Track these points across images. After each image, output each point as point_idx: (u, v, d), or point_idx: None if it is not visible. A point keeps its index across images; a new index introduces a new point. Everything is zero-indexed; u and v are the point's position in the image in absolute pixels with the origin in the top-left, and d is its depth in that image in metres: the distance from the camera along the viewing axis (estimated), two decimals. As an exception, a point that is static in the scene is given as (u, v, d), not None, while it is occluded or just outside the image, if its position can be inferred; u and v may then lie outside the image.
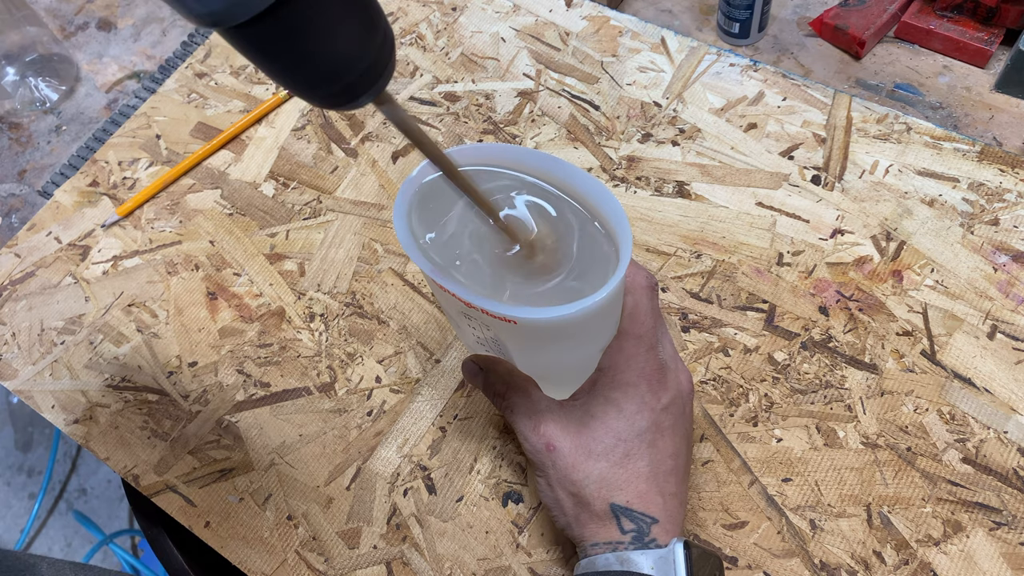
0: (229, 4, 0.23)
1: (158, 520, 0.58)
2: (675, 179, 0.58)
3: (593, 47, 0.66)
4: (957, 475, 0.46)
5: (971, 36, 0.59)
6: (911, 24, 0.61)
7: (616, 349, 0.39)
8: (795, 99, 0.60)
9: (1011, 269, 0.52)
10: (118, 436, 0.55)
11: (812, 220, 0.55)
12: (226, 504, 0.51)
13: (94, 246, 0.63)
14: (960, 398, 0.48)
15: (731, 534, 0.46)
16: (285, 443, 0.53)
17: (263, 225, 0.62)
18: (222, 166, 0.65)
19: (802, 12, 0.65)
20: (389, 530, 0.49)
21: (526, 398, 0.42)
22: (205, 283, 0.60)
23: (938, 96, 0.61)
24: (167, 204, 0.64)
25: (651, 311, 0.39)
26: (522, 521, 0.48)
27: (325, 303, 0.57)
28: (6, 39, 0.74)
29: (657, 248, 0.56)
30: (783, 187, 0.57)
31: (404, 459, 0.51)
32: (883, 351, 0.50)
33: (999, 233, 0.53)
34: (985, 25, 0.59)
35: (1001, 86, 0.58)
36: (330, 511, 0.50)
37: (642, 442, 0.39)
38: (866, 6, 0.62)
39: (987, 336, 0.50)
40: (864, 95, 0.64)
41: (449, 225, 0.37)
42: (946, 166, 0.56)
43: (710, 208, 0.57)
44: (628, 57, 0.65)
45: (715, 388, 0.51)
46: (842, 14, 0.62)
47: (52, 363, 0.58)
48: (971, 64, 0.60)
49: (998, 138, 0.57)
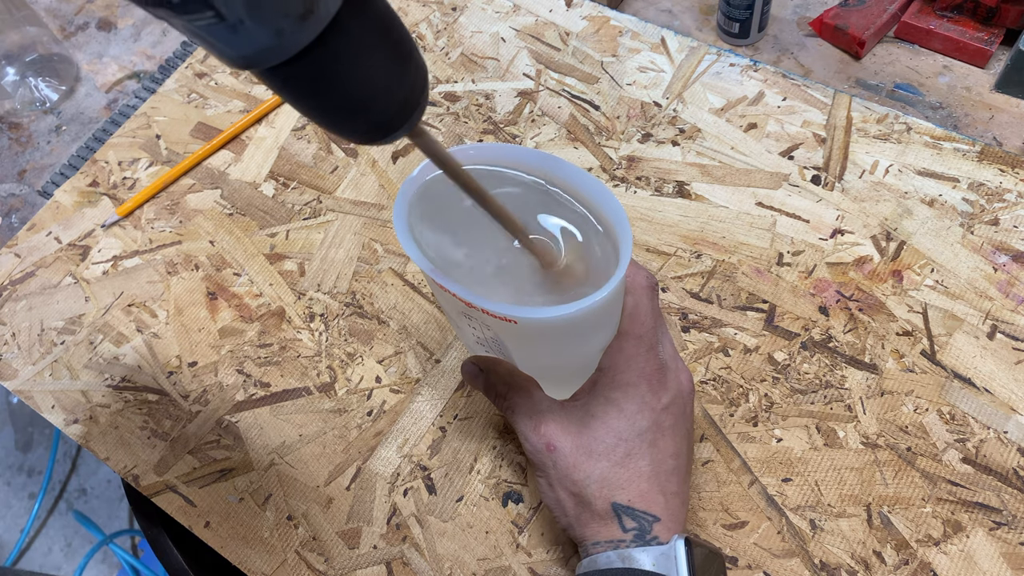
0: (262, 48, 0.23)
1: (158, 520, 0.58)
2: (675, 179, 0.58)
3: (593, 47, 0.66)
4: (957, 475, 0.46)
5: (971, 36, 0.59)
6: (911, 24, 0.61)
7: (616, 349, 0.39)
8: (795, 99, 0.60)
9: (1011, 269, 0.52)
10: (118, 436, 0.55)
11: (812, 220, 0.55)
12: (226, 504, 0.51)
13: (94, 246, 0.63)
14: (960, 398, 0.48)
15: (731, 534, 0.46)
16: (285, 443, 0.53)
17: (263, 225, 0.62)
18: (222, 166, 0.65)
19: (802, 12, 0.65)
20: (389, 530, 0.49)
21: (527, 398, 0.42)
22: (205, 283, 0.60)
23: (938, 96, 0.61)
24: (167, 204, 0.64)
25: (651, 311, 0.39)
26: (522, 521, 0.48)
27: (325, 303, 0.57)
28: (6, 39, 0.74)
29: (657, 248, 0.56)
30: (783, 187, 0.57)
31: (404, 459, 0.51)
32: (883, 351, 0.50)
33: (999, 233, 0.53)
34: (985, 25, 0.59)
35: (1001, 86, 0.58)
36: (330, 511, 0.50)
37: (643, 442, 0.39)
38: (866, 6, 0.62)
39: (987, 336, 0.50)
40: (864, 95, 0.64)
41: (450, 224, 0.37)
42: (946, 166, 0.56)
43: (710, 208, 0.57)
44: (628, 57, 0.65)
45: (715, 388, 0.51)
46: (842, 14, 0.62)
47: (52, 363, 0.58)
48: (971, 64, 0.60)
49: (998, 138, 0.57)
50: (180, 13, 0.21)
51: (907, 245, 0.53)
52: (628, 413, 0.39)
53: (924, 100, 0.61)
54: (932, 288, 0.52)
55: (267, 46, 0.23)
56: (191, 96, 0.70)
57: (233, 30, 0.22)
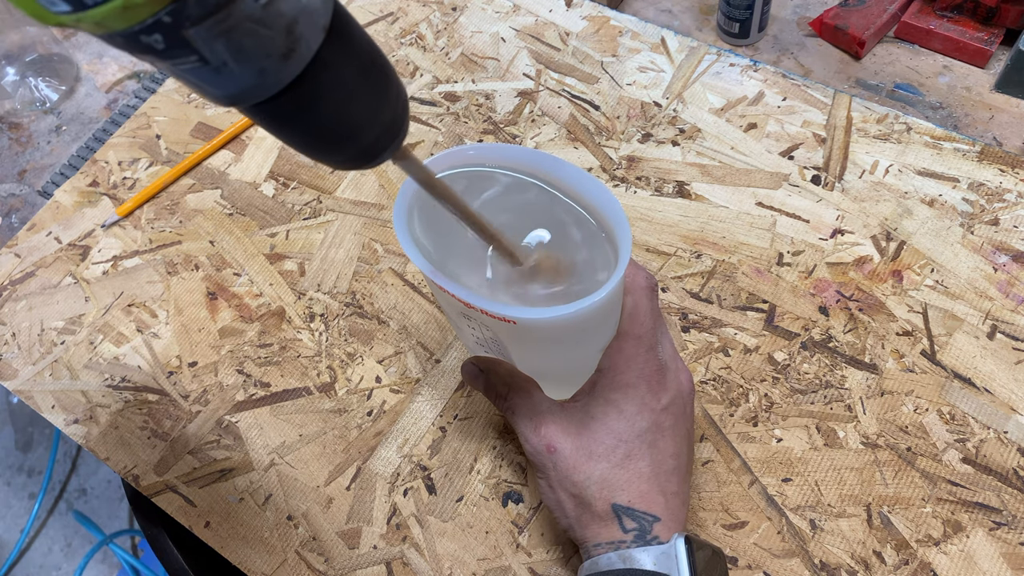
0: (246, 87, 0.23)
1: (158, 520, 0.58)
2: (675, 179, 0.58)
3: (593, 47, 0.66)
4: (957, 475, 0.46)
5: (971, 36, 0.59)
6: (911, 24, 0.61)
7: (616, 350, 0.39)
8: (795, 99, 0.60)
9: (1011, 269, 0.52)
10: (118, 436, 0.55)
11: (812, 220, 0.55)
12: (226, 504, 0.51)
13: (94, 246, 0.63)
14: (960, 398, 0.48)
15: (731, 534, 0.46)
16: (285, 443, 0.53)
17: (263, 225, 0.62)
18: (222, 166, 0.65)
19: (802, 12, 0.65)
20: (389, 530, 0.49)
21: (527, 399, 0.42)
22: (205, 283, 0.60)
23: (938, 96, 0.61)
24: (167, 204, 0.64)
25: (651, 312, 0.39)
26: (522, 521, 0.48)
27: (325, 303, 0.57)
28: (6, 39, 0.74)
29: (657, 248, 0.56)
30: (783, 187, 0.57)
31: (404, 459, 0.51)
32: (883, 351, 0.50)
33: (999, 233, 0.53)
34: (985, 25, 0.59)
35: (1001, 86, 0.58)
36: (330, 511, 0.50)
37: (643, 443, 0.39)
38: (866, 6, 0.62)
39: (987, 336, 0.50)
40: (864, 95, 0.64)
41: (450, 225, 0.37)
42: (946, 166, 0.56)
43: (710, 208, 0.57)
44: (628, 57, 0.65)
45: (715, 388, 0.51)
46: (842, 14, 0.62)
47: (52, 363, 0.58)
48: (971, 64, 0.60)
49: (998, 138, 0.57)
50: (166, 58, 0.21)
51: (907, 245, 0.53)
52: (628, 414, 0.39)
53: (924, 100, 0.61)
54: (932, 288, 0.52)
55: (251, 85, 0.23)
56: (191, 96, 0.70)
57: (217, 72, 0.22)
